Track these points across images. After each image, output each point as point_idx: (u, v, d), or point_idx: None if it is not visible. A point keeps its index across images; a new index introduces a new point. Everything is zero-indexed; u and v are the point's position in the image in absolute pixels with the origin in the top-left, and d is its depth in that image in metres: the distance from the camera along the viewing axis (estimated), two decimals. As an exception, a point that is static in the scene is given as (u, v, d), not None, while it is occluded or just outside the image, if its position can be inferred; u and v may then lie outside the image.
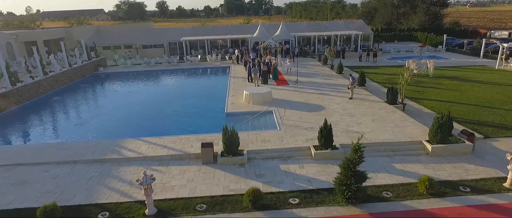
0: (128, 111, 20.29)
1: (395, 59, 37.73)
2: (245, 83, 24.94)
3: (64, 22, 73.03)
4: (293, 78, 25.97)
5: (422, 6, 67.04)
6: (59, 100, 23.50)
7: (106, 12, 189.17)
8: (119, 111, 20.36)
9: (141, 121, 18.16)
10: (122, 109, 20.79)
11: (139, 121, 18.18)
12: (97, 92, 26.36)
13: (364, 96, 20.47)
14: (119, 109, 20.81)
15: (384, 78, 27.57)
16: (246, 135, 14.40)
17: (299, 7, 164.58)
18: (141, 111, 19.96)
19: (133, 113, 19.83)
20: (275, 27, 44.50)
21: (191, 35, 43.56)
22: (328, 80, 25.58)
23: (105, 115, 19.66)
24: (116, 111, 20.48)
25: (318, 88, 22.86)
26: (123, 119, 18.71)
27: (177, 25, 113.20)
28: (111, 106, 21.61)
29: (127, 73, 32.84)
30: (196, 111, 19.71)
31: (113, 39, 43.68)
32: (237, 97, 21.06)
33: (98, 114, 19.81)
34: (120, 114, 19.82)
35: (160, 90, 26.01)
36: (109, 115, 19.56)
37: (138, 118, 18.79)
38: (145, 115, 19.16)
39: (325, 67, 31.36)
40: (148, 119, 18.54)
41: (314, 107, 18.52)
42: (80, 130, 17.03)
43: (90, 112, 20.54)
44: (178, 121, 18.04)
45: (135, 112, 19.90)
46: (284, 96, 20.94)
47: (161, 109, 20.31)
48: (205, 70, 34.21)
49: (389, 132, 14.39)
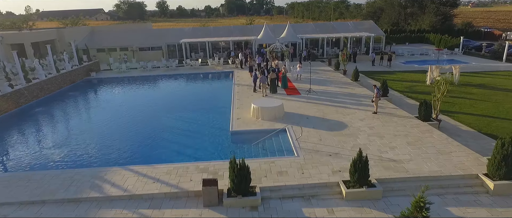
0: (117, 128, 17.52)
1: (410, 63, 35.04)
2: (251, 93, 22.26)
3: (58, 23, 70.13)
4: (304, 86, 23.30)
5: (431, 7, 64.37)
6: (41, 112, 20.72)
7: (106, 12, 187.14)
8: (106, 128, 17.55)
9: (130, 142, 15.34)
10: (110, 125, 17.99)
11: (128, 142, 15.35)
12: (84, 103, 23.34)
13: (390, 109, 17.78)
14: (107, 125, 18.01)
15: (405, 86, 24.90)
16: (258, 164, 11.77)
17: (301, 7, 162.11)
18: (131, 128, 17.21)
19: (122, 130, 17.07)
20: (281, 28, 41.85)
21: (191, 36, 40.88)
22: (343, 88, 22.88)
23: (89, 132, 16.81)
24: (103, 127, 17.66)
25: (334, 99, 20.18)
26: (110, 139, 15.83)
27: (177, 25, 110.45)
28: (98, 121, 18.87)
29: (121, 79, 30.09)
30: (196, 128, 16.98)
31: (108, 41, 41.00)
32: (243, 110, 18.39)
33: (81, 131, 17.00)
34: (107, 131, 16.98)
35: (155, 100, 23.06)
36: (94, 133, 16.72)
37: (128, 137, 15.97)
38: (136, 133, 16.39)
39: (337, 73, 28.61)
40: (140, 138, 15.75)
41: (334, 124, 15.84)
42: (56, 154, 14.25)
43: (73, 128, 17.75)
44: (175, 141, 15.34)
45: (125, 129, 17.15)
46: (297, 109, 18.26)
47: (155, 125, 17.58)
48: (206, 75, 31.40)
49: (433, 161, 11.70)
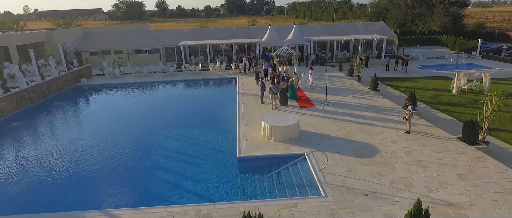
0: (100, 150, 14.61)
1: (426, 68, 32.37)
2: (259, 104, 19.60)
3: (51, 23, 67.13)
4: (318, 96, 20.68)
5: (440, 7, 61.75)
6: (17, 127, 17.97)
7: (105, 12, 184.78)
8: (88, 150, 14.64)
9: (114, 174, 12.51)
10: (92, 148, 14.91)
11: (111, 174, 12.53)
12: (67, 117, 20.16)
13: (423, 127, 15.13)
14: (88, 147, 14.98)
15: (429, 95, 22.26)
16: (276, 209, 9.18)
17: (302, 7, 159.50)
18: (117, 152, 14.30)
19: (106, 153, 14.18)
20: (286, 30, 39.21)
21: (191, 38, 38.21)
22: (363, 99, 20.22)
23: (63, 159, 13.77)
24: (82, 150, 14.65)
25: (355, 113, 17.52)
26: (89, 167, 13.05)
27: (176, 25, 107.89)
28: (79, 142, 15.67)
29: (113, 86, 27.31)
30: (196, 151, 14.21)
31: (102, 43, 38.31)
32: (251, 127, 15.73)
33: (53, 158, 13.96)
34: (87, 157, 13.95)
35: (149, 113, 20.15)
36: (69, 161, 13.66)
37: (111, 166, 13.09)
38: (122, 160, 13.52)
39: (351, 80, 25.88)
40: (126, 167, 12.93)
41: (362, 148, 13.19)
42: (20, 190, 11.46)
43: (49, 149, 14.88)
44: (170, 170, 12.63)
45: (109, 152, 14.31)
46: (314, 127, 15.61)
47: (147, 147, 14.79)
48: (206, 82, 28.52)
49: (503, 206, 9.09)
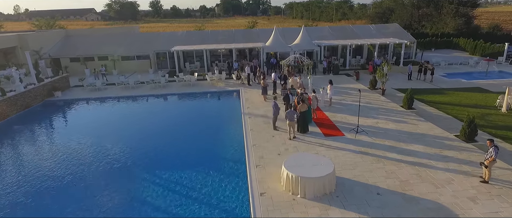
0: (55, 201, 10.58)
1: (453, 77, 28.45)
2: (271, 131, 15.45)
3: (31, 25, 62.03)
4: (342, 119, 16.66)
5: (449, 7, 58.14)
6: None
7: (97, 12, 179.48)
8: (36, 200, 10.64)
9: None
10: (46, 191, 11.05)
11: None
12: (23, 147, 15.63)
13: (502, 171, 11.09)
14: (40, 191, 11.07)
15: (474, 113, 18.24)
16: None
17: (300, 7, 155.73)
18: (78, 205, 10.30)
19: (62, 209, 10.15)
20: (291, 33, 35.18)
21: (185, 42, 33.98)
22: (401, 123, 16.12)
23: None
24: (30, 207, 10.74)
25: (400, 146, 13.43)
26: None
27: (170, 26, 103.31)
28: (33, 189, 11.68)
29: (91, 102, 22.83)
30: (191, 213, 10.13)
31: (84, 48, 33.90)
32: (267, 171, 11.60)
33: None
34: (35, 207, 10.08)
35: (129, 144, 15.14)
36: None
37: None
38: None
39: (376, 94, 21.78)
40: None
41: (432, 212, 9.12)
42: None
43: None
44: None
45: (67, 207, 10.24)
46: (352, 171, 11.50)
47: (120, 202, 10.62)
48: (203, 97, 23.88)
49: None
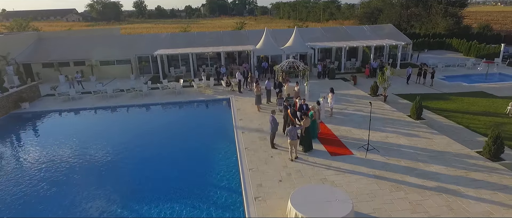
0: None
1: (453, 80, 27.17)
2: (268, 150, 13.48)
3: (0, 27, 58.11)
4: (347, 132, 14.85)
5: (438, 7, 57.66)
6: None
7: (79, 13, 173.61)
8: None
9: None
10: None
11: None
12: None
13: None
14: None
15: (484, 123, 16.76)
16: None
17: (287, 7, 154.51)
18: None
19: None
20: (283, 35, 33.38)
21: (170, 45, 31.68)
22: (412, 137, 14.38)
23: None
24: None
25: (419, 168, 11.65)
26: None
27: (155, 27, 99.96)
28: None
29: (62, 115, 20.16)
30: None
31: (59, 52, 31.09)
32: (267, 205, 9.59)
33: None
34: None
35: (101, 168, 12.94)
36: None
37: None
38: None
39: (378, 102, 20.06)
40: None
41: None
42: None
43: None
44: None
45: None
46: (370, 202, 9.62)
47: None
48: (190, 107, 21.52)
49: None
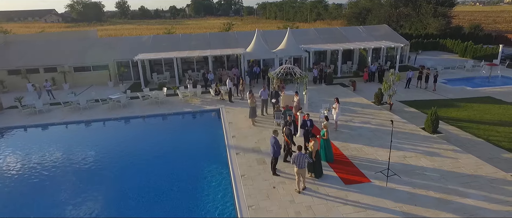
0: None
1: (455, 83, 25.62)
2: (270, 180, 11.31)
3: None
4: (358, 152, 12.82)
5: (427, 7, 56.88)
6: None
7: (59, 13, 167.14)
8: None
9: None
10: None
11: None
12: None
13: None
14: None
15: (504, 135, 15.04)
16: None
17: (273, 7, 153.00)
18: None
19: None
20: (274, 37, 31.33)
21: (152, 49, 29.08)
22: (434, 157, 12.46)
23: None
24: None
25: (453, 200, 9.69)
26: None
27: (139, 28, 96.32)
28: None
29: (29, 130, 17.60)
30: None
31: (27, 57, 28.00)
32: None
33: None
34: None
35: (67, 201, 10.73)
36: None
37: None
38: None
39: (384, 111, 18.15)
40: None
41: None
42: None
43: None
44: None
45: None
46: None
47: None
48: (174, 122, 18.72)
49: None
